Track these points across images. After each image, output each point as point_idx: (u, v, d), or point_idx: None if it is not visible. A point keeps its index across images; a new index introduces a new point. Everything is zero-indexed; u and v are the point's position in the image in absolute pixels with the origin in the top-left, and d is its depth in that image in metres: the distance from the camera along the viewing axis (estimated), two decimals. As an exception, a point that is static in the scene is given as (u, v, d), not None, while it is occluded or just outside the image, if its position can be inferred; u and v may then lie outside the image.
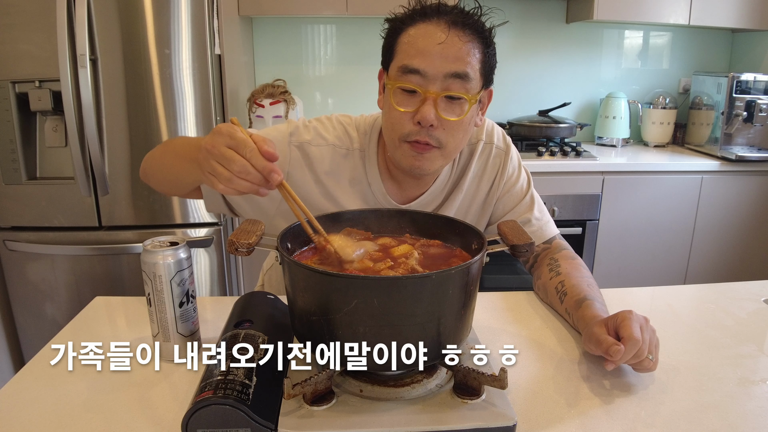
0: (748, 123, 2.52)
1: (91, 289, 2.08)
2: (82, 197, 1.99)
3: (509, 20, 2.75)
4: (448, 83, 0.90)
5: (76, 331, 0.92)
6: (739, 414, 0.71)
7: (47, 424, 0.68)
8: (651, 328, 0.78)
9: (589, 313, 0.86)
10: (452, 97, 0.92)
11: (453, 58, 0.89)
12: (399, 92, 0.93)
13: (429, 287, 0.63)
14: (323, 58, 2.79)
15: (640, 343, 0.73)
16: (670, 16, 2.50)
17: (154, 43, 1.90)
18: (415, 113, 0.92)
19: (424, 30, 0.90)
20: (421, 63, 0.89)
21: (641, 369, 0.77)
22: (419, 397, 0.68)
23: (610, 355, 0.74)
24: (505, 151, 1.13)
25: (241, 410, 0.61)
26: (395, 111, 0.93)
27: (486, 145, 1.12)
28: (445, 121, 0.92)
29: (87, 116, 1.88)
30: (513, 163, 1.14)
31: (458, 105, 0.93)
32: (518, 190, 1.13)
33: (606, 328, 0.79)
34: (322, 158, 1.04)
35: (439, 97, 0.91)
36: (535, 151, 2.47)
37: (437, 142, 0.94)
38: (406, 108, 0.92)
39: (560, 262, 1.04)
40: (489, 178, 1.12)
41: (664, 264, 2.54)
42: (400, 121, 0.94)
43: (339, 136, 1.06)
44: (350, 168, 1.06)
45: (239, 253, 0.69)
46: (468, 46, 0.90)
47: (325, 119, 1.10)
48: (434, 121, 0.91)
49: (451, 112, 0.92)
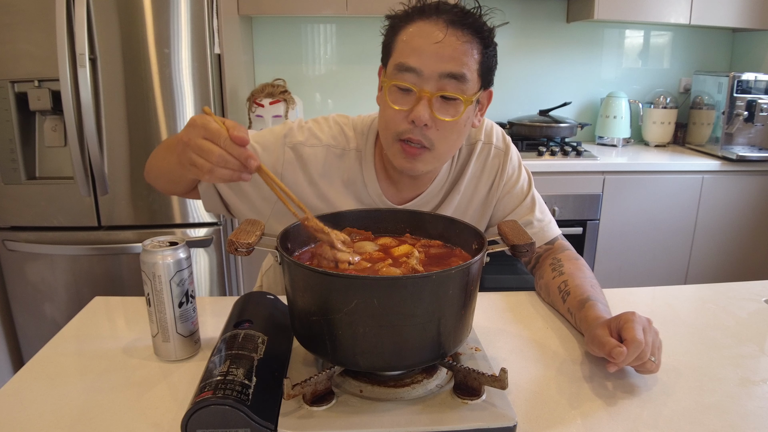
0: (748, 123, 2.51)
1: (91, 289, 2.08)
2: (81, 197, 1.99)
3: (510, 20, 2.78)
4: (443, 83, 0.89)
5: (75, 331, 0.92)
6: (740, 414, 0.71)
7: (47, 424, 0.67)
8: (654, 330, 0.77)
9: (592, 314, 0.86)
10: (447, 98, 0.91)
11: (449, 58, 0.88)
12: (394, 90, 0.93)
13: (429, 287, 0.63)
14: (323, 57, 2.79)
15: (642, 345, 0.73)
16: (670, 16, 2.50)
17: (154, 42, 1.90)
18: (409, 112, 0.91)
19: (422, 28, 0.90)
20: (417, 61, 0.89)
21: (644, 371, 0.77)
22: (419, 398, 0.68)
23: (612, 358, 0.74)
24: (504, 152, 1.12)
25: (240, 410, 0.61)
26: (390, 109, 0.93)
27: (485, 145, 1.11)
28: (439, 122, 0.91)
29: (86, 116, 1.88)
30: (513, 164, 1.13)
31: (453, 106, 0.92)
32: (519, 191, 1.12)
33: (609, 329, 0.78)
34: (316, 159, 1.04)
35: (434, 96, 0.90)
36: (536, 150, 2.47)
37: (429, 143, 0.93)
38: (401, 106, 0.92)
39: (563, 262, 1.03)
40: (488, 179, 1.11)
41: (665, 264, 2.54)
42: (394, 120, 0.93)
43: (334, 136, 1.06)
44: (346, 168, 1.05)
45: (239, 253, 0.69)
46: (466, 46, 0.89)
47: (321, 119, 1.09)
48: (428, 120, 0.90)
49: (446, 113, 0.91)
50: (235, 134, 0.70)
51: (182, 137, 0.73)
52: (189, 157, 0.73)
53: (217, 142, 0.70)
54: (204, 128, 0.71)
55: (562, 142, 2.63)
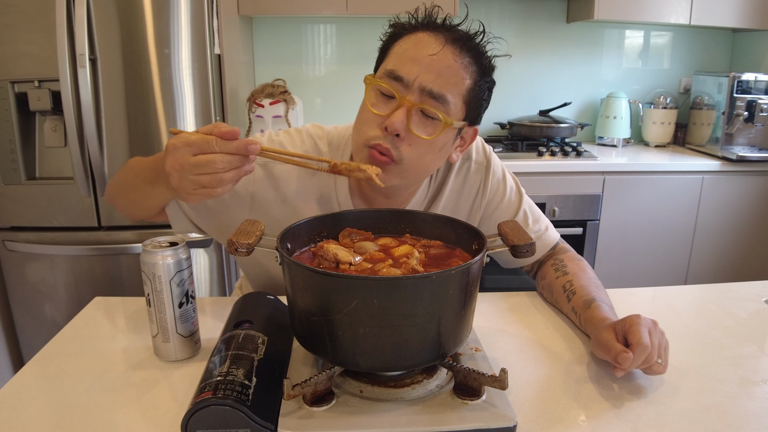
0: (749, 123, 2.51)
1: (91, 290, 2.08)
2: (81, 197, 1.99)
3: (510, 20, 2.78)
4: (424, 98, 0.86)
5: (75, 332, 0.92)
6: (740, 414, 0.71)
7: (47, 424, 0.67)
8: (660, 331, 0.77)
9: (597, 315, 0.85)
10: (428, 114, 0.87)
11: (437, 74, 0.85)
12: (376, 93, 0.89)
13: (429, 288, 0.63)
14: (323, 57, 2.79)
15: (649, 349, 0.73)
16: (670, 16, 2.50)
17: (154, 42, 1.90)
18: (385, 118, 0.86)
19: (422, 39, 0.87)
20: (404, 69, 0.85)
21: (650, 372, 0.77)
22: (419, 398, 0.68)
23: (619, 363, 0.73)
24: (485, 166, 1.06)
25: (240, 411, 0.61)
26: (367, 112, 0.89)
27: (464, 161, 1.06)
28: (413, 136, 0.86)
29: (86, 116, 1.88)
30: (496, 177, 1.07)
31: (432, 124, 0.87)
32: (507, 205, 1.08)
33: (614, 333, 0.78)
34: (289, 176, 0.98)
35: (414, 107, 0.86)
36: (536, 151, 2.47)
37: (398, 156, 0.87)
38: (379, 111, 0.88)
39: (566, 262, 1.03)
40: (469, 195, 1.06)
41: (665, 264, 2.54)
42: (368, 123, 0.89)
43: (307, 151, 1.00)
44: (319, 185, 0.99)
45: (239, 254, 0.69)
46: (459, 68, 0.86)
47: (294, 132, 1.04)
48: (402, 130, 0.85)
49: (423, 129, 0.87)
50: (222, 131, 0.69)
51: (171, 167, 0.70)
52: (190, 181, 0.70)
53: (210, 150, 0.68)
54: (188, 146, 0.69)
55: (562, 142, 2.63)
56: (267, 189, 0.98)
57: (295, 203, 0.99)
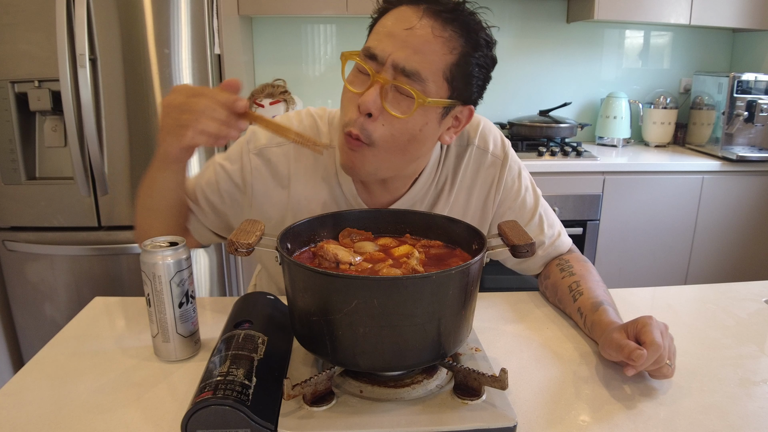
0: (749, 123, 2.51)
1: (91, 290, 2.08)
2: (81, 197, 1.99)
3: (509, 20, 2.78)
4: (397, 76, 0.80)
5: (75, 332, 0.92)
6: (740, 415, 0.71)
7: (47, 424, 0.67)
8: (670, 336, 0.77)
9: (605, 319, 0.84)
10: (401, 91, 0.81)
11: (413, 50, 0.78)
12: (354, 72, 0.85)
13: (429, 288, 0.63)
14: (323, 57, 2.79)
15: (661, 348, 0.72)
16: (670, 16, 2.50)
17: (154, 42, 1.90)
18: (359, 97, 0.82)
19: (402, 13, 0.81)
20: (379, 47, 0.80)
21: (659, 375, 0.76)
22: (419, 398, 0.68)
23: (632, 360, 0.72)
24: (502, 162, 1.01)
25: (240, 411, 0.61)
26: (345, 90, 0.85)
27: (478, 150, 1.00)
28: (387, 115, 0.81)
29: (86, 116, 1.88)
30: (512, 174, 1.02)
31: (406, 102, 0.81)
32: (521, 205, 1.03)
33: (626, 333, 0.77)
34: (286, 158, 0.96)
35: (388, 84, 0.80)
36: (536, 151, 2.47)
37: (368, 139, 0.82)
38: (355, 88, 0.83)
39: (572, 263, 1.02)
40: (482, 189, 1.01)
41: (665, 264, 2.54)
42: (347, 104, 0.85)
43: (305, 129, 0.97)
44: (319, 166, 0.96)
45: (239, 254, 0.68)
46: (439, 41, 0.79)
47: (293, 114, 1.00)
48: (374, 109, 0.80)
49: (397, 107, 0.81)
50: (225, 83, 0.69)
51: (166, 102, 0.71)
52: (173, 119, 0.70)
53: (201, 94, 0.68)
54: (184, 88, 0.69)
55: (562, 142, 2.63)
56: (265, 179, 0.97)
57: (294, 184, 0.97)
